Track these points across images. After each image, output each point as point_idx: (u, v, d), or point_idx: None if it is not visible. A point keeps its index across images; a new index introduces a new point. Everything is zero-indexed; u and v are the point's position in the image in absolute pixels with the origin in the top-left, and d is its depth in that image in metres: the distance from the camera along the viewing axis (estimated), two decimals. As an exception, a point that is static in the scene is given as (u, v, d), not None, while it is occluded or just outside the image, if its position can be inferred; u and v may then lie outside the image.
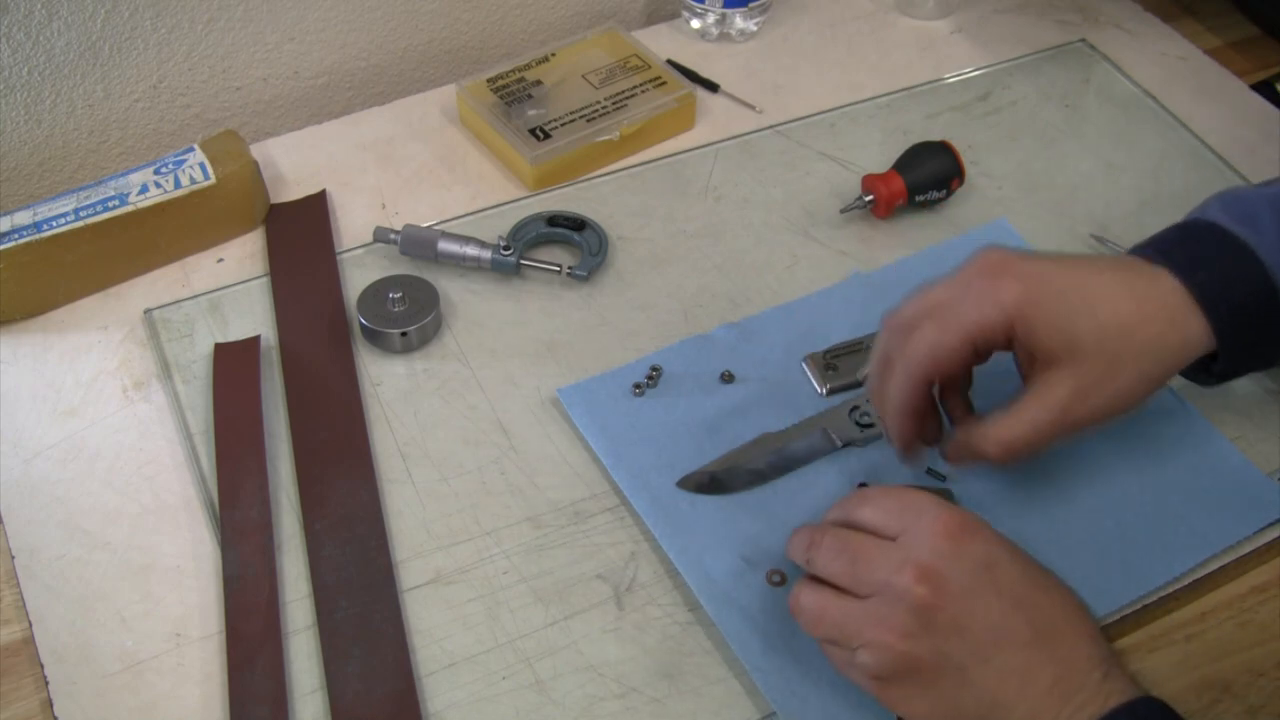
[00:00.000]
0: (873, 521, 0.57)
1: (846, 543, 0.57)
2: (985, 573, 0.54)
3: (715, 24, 0.98)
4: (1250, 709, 0.62)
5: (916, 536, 0.55)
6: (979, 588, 0.53)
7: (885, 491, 0.59)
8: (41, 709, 0.60)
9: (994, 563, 0.54)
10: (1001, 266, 0.61)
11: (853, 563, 0.56)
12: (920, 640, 0.53)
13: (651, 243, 0.83)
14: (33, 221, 0.74)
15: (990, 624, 0.53)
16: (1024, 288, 0.60)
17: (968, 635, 0.53)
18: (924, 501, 0.56)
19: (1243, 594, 0.66)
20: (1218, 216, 0.65)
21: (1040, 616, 0.54)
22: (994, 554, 0.54)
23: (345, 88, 0.98)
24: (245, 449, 0.69)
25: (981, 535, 0.55)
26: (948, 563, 0.54)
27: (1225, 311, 0.62)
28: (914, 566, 0.54)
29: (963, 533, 0.54)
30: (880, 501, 0.58)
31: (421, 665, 0.62)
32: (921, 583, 0.53)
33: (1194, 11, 1.05)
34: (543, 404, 0.73)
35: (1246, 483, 0.69)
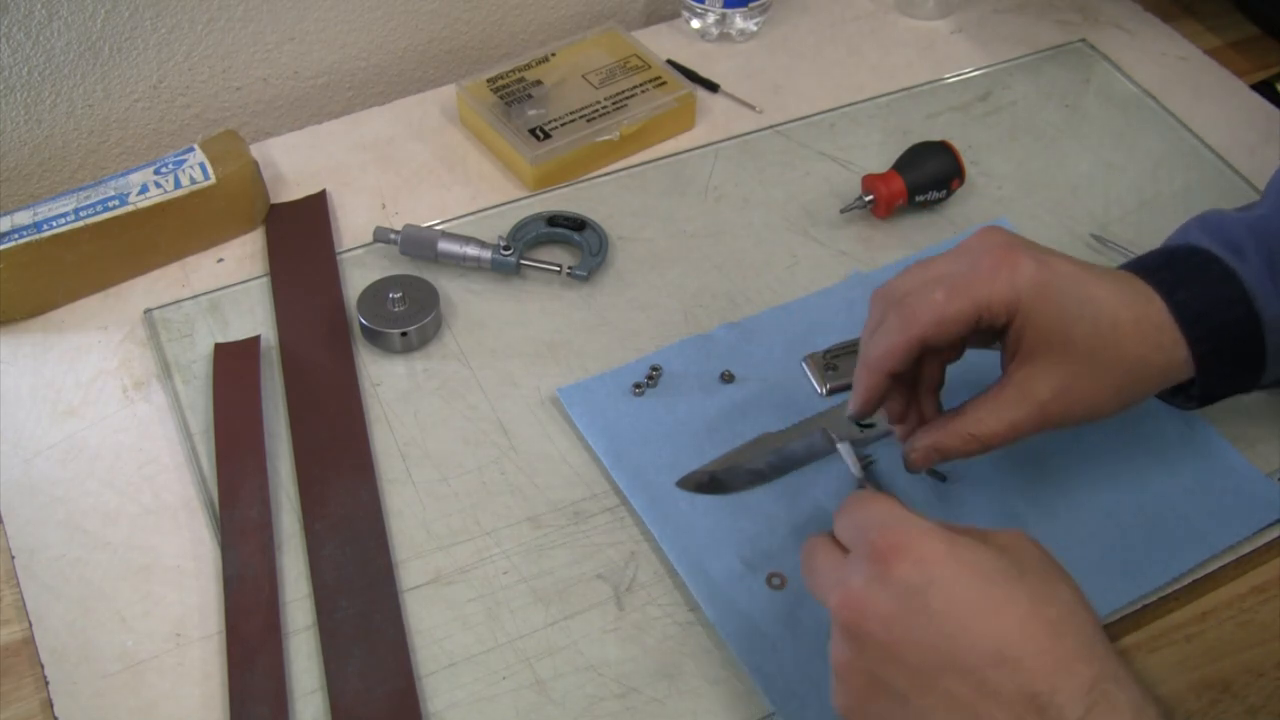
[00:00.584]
0: (841, 534, 0.54)
1: (811, 552, 0.55)
2: (914, 597, 0.48)
3: (715, 24, 0.98)
4: (1250, 709, 0.62)
5: (854, 557, 0.51)
6: (906, 614, 0.49)
7: (854, 502, 0.54)
8: (41, 709, 0.60)
9: (927, 585, 0.48)
10: (1014, 245, 0.60)
11: (810, 574, 0.54)
12: (855, 667, 0.50)
13: (651, 243, 0.83)
14: (33, 221, 0.74)
15: (922, 651, 0.48)
16: (1038, 269, 0.59)
17: (900, 663, 0.49)
18: (875, 517, 0.52)
19: (1243, 594, 0.66)
20: (1201, 240, 0.65)
21: (985, 642, 0.47)
22: (928, 575, 0.49)
23: (345, 88, 0.98)
24: (245, 449, 0.69)
25: (913, 556, 0.49)
26: (873, 586, 0.49)
27: (1204, 333, 0.61)
28: (841, 589, 0.50)
29: (891, 554, 0.49)
30: (847, 513, 0.54)
31: (421, 665, 0.62)
32: (845, 606, 0.50)
33: (1194, 11, 1.05)
34: (543, 404, 0.73)
35: (1246, 483, 0.69)
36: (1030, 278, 0.58)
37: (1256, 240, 0.64)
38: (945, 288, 0.59)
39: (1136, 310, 0.61)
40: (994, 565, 0.49)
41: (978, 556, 0.49)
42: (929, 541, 0.49)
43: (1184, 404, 0.68)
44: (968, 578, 0.49)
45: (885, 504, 0.52)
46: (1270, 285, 0.62)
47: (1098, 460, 0.70)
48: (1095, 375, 0.60)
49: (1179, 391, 0.66)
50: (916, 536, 0.50)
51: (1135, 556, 0.66)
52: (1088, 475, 0.69)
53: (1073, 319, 0.59)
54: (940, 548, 0.49)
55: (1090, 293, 0.60)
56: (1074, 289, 0.59)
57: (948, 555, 0.49)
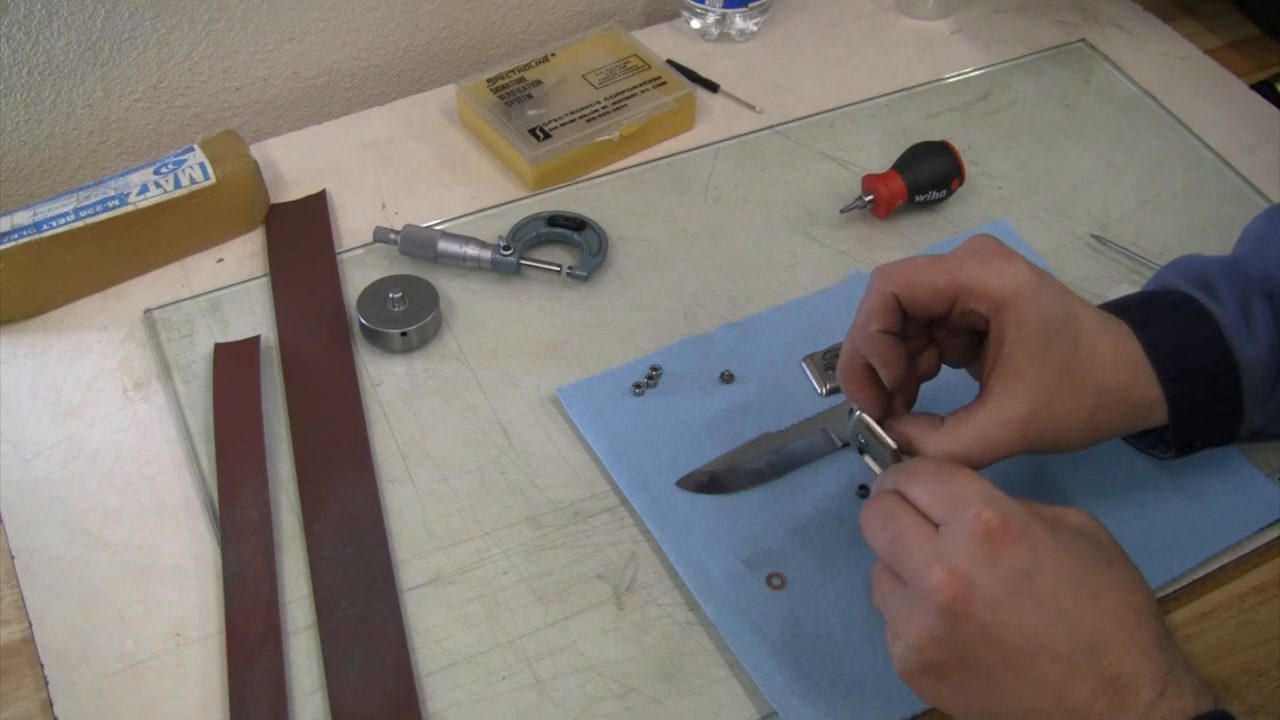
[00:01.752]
0: (920, 502, 0.53)
1: (891, 518, 0.54)
2: (1023, 581, 0.50)
3: (715, 24, 0.98)
4: (1250, 709, 0.62)
5: (955, 532, 0.51)
6: (1013, 597, 0.50)
7: (937, 471, 0.54)
8: (41, 709, 0.60)
9: (1035, 570, 0.50)
10: (1010, 250, 0.59)
11: (893, 544, 0.53)
12: (944, 644, 0.51)
13: (651, 243, 0.83)
14: (33, 221, 0.74)
15: (1024, 634, 0.50)
16: (1031, 272, 0.58)
17: (998, 644, 0.50)
18: (971, 491, 0.52)
19: (1243, 594, 0.66)
20: (1176, 282, 0.64)
21: (1084, 629, 0.50)
22: (1038, 560, 0.50)
23: (345, 88, 0.98)
24: (245, 449, 0.69)
25: (1025, 540, 0.50)
26: (982, 568, 0.50)
27: (1178, 373, 0.61)
28: (945, 567, 0.50)
29: (1004, 536, 0.50)
30: (929, 482, 0.54)
31: (421, 665, 0.62)
32: (949, 586, 0.50)
33: (1194, 11, 1.05)
34: (543, 404, 0.73)
35: (1246, 483, 0.69)
36: (1021, 277, 0.58)
37: (1230, 282, 0.63)
38: (930, 259, 0.59)
39: (1117, 342, 0.60)
40: (1091, 553, 0.52)
41: (1077, 543, 0.52)
42: (1036, 526, 0.51)
43: (1161, 453, 0.67)
44: (1072, 564, 0.51)
45: (976, 479, 0.53)
46: (1245, 328, 0.62)
47: (1098, 461, 0.70)
48: (1072, 395, 0.59)
49: (1156, 441, 0.66)
50: (1026, 519, 0.51)
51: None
52: (1087, 476, 0.69)
53: (1056, 330, 0.58)
54: (1046, 533, 0.51)
55: (1076, 311, 0.59)
56: (1061, 303, 0.59)
57: (1054, 541, 0.51)
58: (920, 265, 0.58)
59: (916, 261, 0.59)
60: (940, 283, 0.58)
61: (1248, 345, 0.62)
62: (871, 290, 0.59)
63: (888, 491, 0.56)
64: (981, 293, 0.58)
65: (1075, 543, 0.52)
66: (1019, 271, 0.58)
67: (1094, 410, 0.59)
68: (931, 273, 0.58)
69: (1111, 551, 0.53)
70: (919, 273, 0.58)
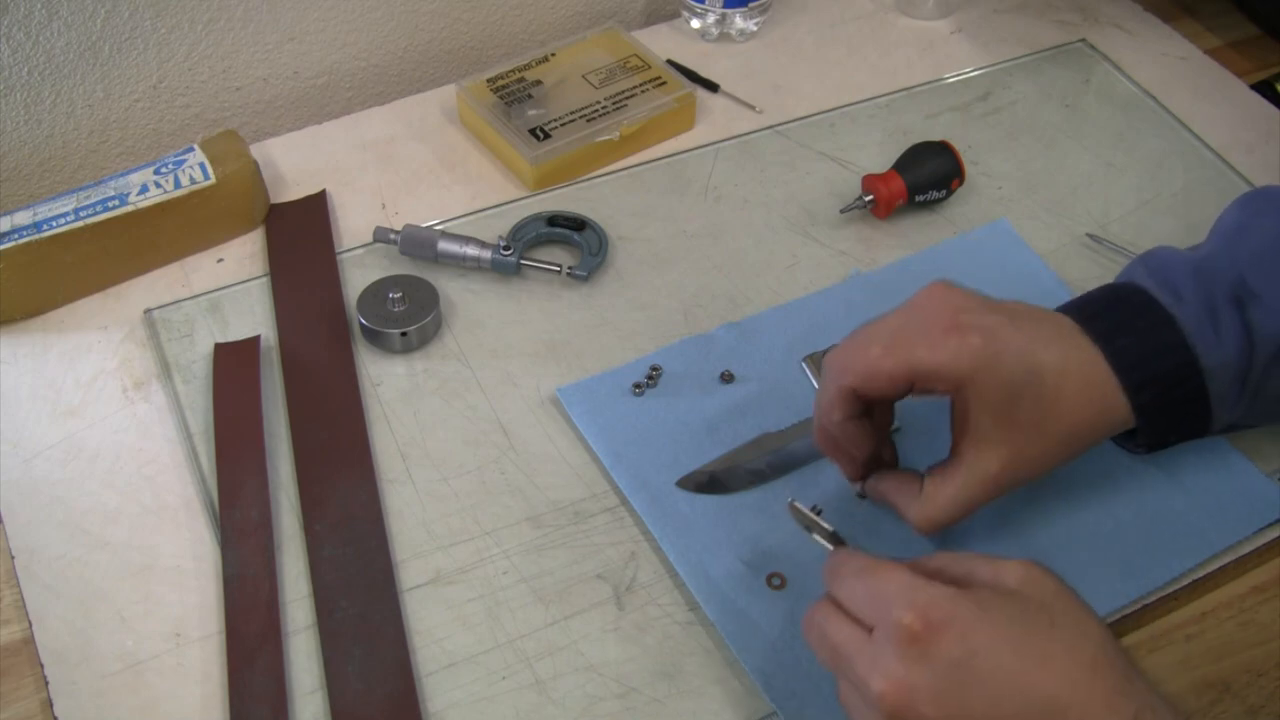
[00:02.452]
0: (849, 605, 0.53)
1: (826, 629, 0.53)
2: (961, 670, 0.48)
3: (715, 24, 0.98)
4: (1250, 709, 0.62)
5: (884, 636, 0.50)
6: (956, 688, 0.48)
7: (859, 571, 0.53)
8: (41, 709, 0.60)
9: (970, 655, 0.48)
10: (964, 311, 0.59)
11: (834, 655, 0.53)
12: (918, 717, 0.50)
13: (651, 243, 0.83)
14: (33, 221, 0.74)
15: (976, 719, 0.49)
16: (984, 344, 0.58)
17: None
18: (891, 590, 0.51)
19: (1243, 594, 0.66)
20: (1144, 280, 0.64)
21: (1036, 698, 0.48)
22: (970, 645, 0.48)
23: (345, 88, 0.98)
24: (245, 449, 0.69)
25: (951, 630, 0.49)
26: (916, 669, 0.49)
27: (1142, 382, 0.61)
28: (882, 675, 0.49)
29: (928, 634, 0.49)
30: (854, 583, 0.53)
31: (421, 665, 0.62)
32: (889, 695, 0.49)
33: (1194, 11, 1.05)
34: (543, 404, 0.73)
35: (1246, 483, 0.69)
36: (974, 353, 0.58)
37: (1198, 283, 0.63)
38: (882, 345, 0.59)
39: (1081, 372, 0.60)
40: (1031, 616, 0.50)
41: (1009, 612, 0.50)
42: (962, 610, 0.49)
43: (1135, 449, 0.68)
44: (1007, 638, 0.49)
45: (897, 574, 0.51)
46: (1211, 333, 0.62)
47: (1097, 461, 0.70)
48: (1041, 443, 0.60)
49: (1130, 437, 0.66)
50: (948, 608, 0.49)
51: (1135, 556, 0.66)
52: (1087, 476, 0.69)
53: (1019, 393, 0.58)
54: (974, 613, 0.49)
55: (1037, 362, 0.59)
56: (1020, 362, 0.59)
57: (982, 620, 0.49)
58: (873, 357, 0.59)
59: (869, 351, 0.59)
60: (896, 372, 0.58)
61: (1213, 351, 0.62)
62: (828, 384, 0.61)
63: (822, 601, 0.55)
64: (937, 376, 0.58)
65: (1009, 611, 0.50)
66: (971, 348, 0.58)
67: (1063, 444, 0.61)
68: (886, 363, 0.58)
69: (1055, 605, 0.51)
70: (873, 364, 0.59)
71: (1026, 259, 0.82)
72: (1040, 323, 0.62)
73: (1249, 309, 0.62)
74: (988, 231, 0.84)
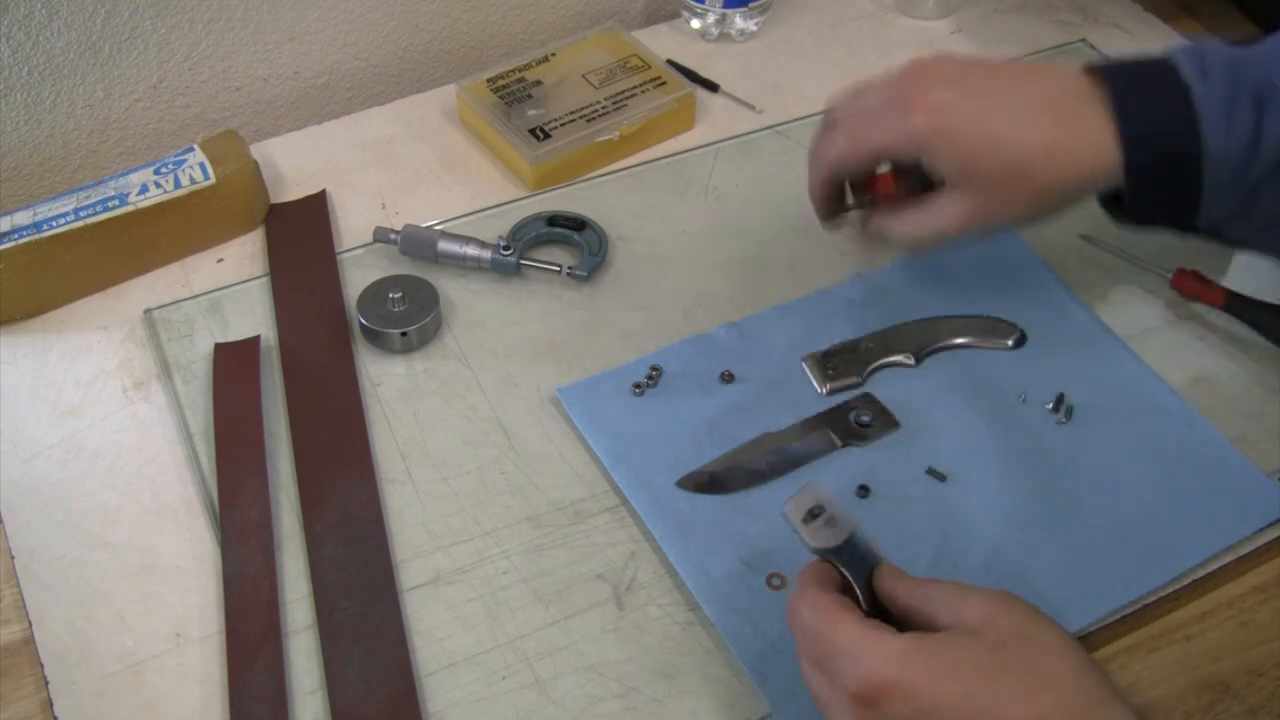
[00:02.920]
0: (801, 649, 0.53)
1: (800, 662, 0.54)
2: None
3: (715, 24, 0.98)
4: (1250, 709, 0.62)
5: (839, 696, 0.50)
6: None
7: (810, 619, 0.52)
8: (41, 709, 0.60)
9: (922, 713, 0.48)
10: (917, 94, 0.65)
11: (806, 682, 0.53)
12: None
13: (651, 243, 0.83)
14: (33, 221, 0.74)
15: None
16: (930, 122, 0.64)
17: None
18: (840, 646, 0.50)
19: (1243, 594, 0.66)
20: (1177, 55, 0.65)
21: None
22: (920, 704, 0.48)
23: (345, 88, 0.98)
24: (245, 449, 0.69)
25: (897, 692, 0.48)
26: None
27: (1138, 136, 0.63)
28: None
29: (875, 696, 0.49)
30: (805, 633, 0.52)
31: (421, 665, 0.62)
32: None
33: (1194, 11, 1.05)
34: (543, 404, 0.73)
35: (1246, 483, 0.69)
36: (921, 130, 0.65)
37: (1226, 70, 0.63)
38: (847, 135, 0.68)
39: (1048, 138, 0.64)
40: (977, 667, 0.49)
41: (957, 662, 0.49)
42: (908, 673, 0.49)
43: (1119, 219, 0.69)
44: (957, 692, 0.48)
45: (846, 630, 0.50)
46: (1222, 116, 0.62)
47: (1098, 460, 0.70)
48: (1008, 197, 0.66)
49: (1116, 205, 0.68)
50: (894, 672, 0.49)
51: (1135, 556, 0.66)
52: (1087, 475, 0.69)
53: (975, 155, 0.65)
54: (920, 674, 0.49)
55: (994, 127, 0.64)
56: (973, 129, 0.64)
57: (928, 676, 0.48)
58: (840, 149, 0.69)
59: (836, 143, 0.69)
60: (858, 158, 0.69)
61: (1218, 135, 0.62)
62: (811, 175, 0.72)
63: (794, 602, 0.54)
64: (891, 152, 0.68)
65: (956, 666, 0.49)
66: (917, 124, 0.65)
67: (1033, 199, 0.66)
68: (850, 152, 0.68)
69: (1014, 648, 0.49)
70: (840, 157, 0.69)
71: (1024, 257, 0.82)
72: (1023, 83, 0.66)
73: (1268, 110, 0.62)
74: (988, 231, 0.84)
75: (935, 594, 0.52)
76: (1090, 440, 0.71)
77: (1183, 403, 0.73)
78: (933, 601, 0.52)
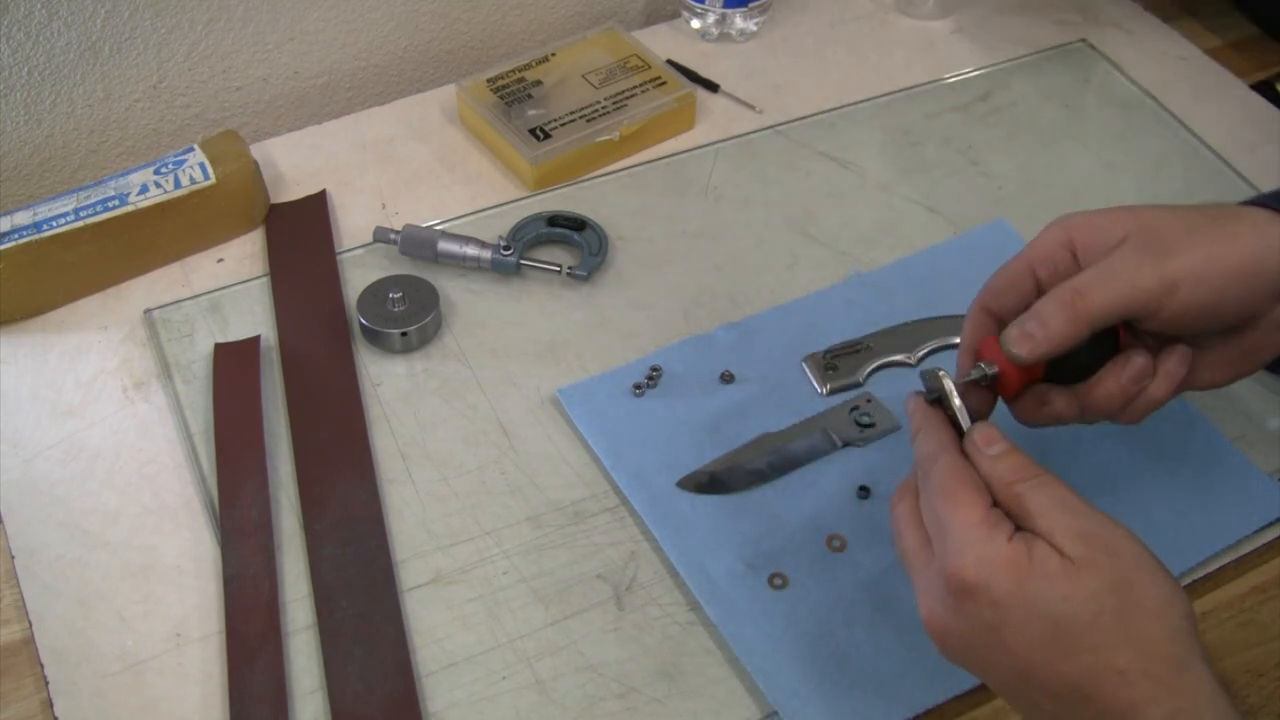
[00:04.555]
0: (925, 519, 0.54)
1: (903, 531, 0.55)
2: (989, 633, 0.50)
3: (715, 24, 0.98)
4: (1250, 709, 0.62)
5: (935, 573, 0.52)
6: (981, 647, 0.51)
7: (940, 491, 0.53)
8: (41, 709, 0.60)
9: (1000, 624, 0.50)
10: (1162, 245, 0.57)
11: (904, 555, 0.55)
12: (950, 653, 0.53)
13: (651, 243, 0.83)
14: (33, 221, 0.74)
15: (1001, 677, 0.51)
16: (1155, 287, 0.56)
17: (985, 674, 0.52)
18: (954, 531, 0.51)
19: (1243, 594, 0.66)
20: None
21: (1058, 683, 0.49)
22: (1001, 616, 0.49)
23: (345, 88, 0.98)
24: (245, 449, 0.69)
25: (985, 597, 0.50)
26: (953, 617, 0.51)
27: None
28: (927, 606, 0.53)
29: (964, 592, 0.50)
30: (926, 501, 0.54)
31: (421, 665, 0.62)
32: (930, 624, 0.53)
33: (1194, 11, 1.05)
34: (543, 404, 0.73)
35: (1246, 483, 0.69)
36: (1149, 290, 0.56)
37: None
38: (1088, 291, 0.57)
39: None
40: (1064, 609, 0.49)
41: (1049, 598, 0.49)
42: (1000, 582, 0.49)
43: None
44: (1039, 622, 0.49)
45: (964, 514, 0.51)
46: None
47: (1099, 460, 0.70)
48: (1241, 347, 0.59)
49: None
50: (988, 576, 0.50)
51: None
52: (1088, 475, 0.69)
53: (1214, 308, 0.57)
54: (1011, 588, 0.49)
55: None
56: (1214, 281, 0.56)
57: (1019, 598, 0.49)
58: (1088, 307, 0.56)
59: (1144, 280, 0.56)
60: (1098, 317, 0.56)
61: None
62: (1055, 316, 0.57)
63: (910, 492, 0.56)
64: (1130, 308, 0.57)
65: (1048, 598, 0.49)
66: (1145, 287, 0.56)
67: None
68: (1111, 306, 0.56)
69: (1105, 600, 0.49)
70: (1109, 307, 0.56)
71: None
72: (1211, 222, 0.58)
73: None
74: (987, 231, 0.84)
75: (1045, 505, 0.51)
76: (1090, 440, 0.71)
77: (1183, 402, 0.73)
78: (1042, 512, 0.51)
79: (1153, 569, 0.50)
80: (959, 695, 0.61)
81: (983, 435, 0.55)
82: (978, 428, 0.55)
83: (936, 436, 0.56)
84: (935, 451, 0.55)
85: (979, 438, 0.55)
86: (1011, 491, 0.52)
